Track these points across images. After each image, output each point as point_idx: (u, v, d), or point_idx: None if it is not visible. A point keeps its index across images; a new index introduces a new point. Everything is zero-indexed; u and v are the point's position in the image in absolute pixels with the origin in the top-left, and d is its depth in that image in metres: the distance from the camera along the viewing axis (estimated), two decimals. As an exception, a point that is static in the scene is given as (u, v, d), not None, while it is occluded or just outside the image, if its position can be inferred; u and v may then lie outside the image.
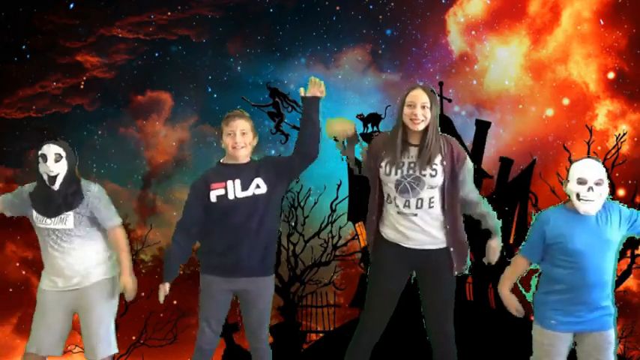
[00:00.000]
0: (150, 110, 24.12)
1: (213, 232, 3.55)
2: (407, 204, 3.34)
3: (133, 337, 14.14)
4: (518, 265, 3.51)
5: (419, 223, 3.35)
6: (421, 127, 3.33)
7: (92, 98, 23.17)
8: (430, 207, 3.35)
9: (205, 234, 3.60)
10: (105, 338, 3.67)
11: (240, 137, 3.53)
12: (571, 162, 3.42)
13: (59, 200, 3.61)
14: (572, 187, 3.31)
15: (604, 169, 3.35)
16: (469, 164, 3.44)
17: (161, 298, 3.56)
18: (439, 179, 3.34)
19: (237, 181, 3.51)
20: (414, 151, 3.37)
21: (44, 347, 3.64)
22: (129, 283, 3.66)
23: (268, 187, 3.53)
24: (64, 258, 3.65)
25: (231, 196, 3.48)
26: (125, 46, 23.03)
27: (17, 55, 22.08)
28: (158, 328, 14.21)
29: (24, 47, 22.18)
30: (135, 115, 24.37)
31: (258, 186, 3.52)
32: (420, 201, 3.34)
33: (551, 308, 3.37)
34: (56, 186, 3.59)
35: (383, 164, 3.38)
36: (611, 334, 3.36)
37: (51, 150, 3.60)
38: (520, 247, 3.54)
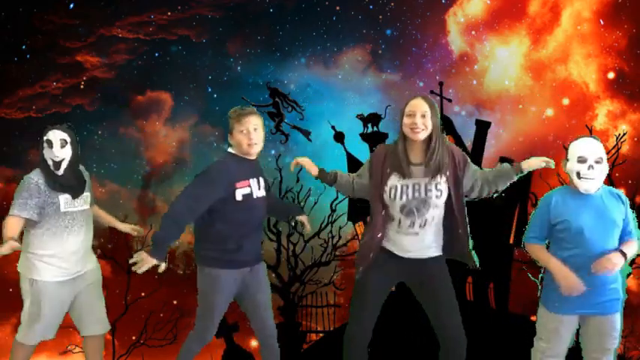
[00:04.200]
0: (150, 110, 24.13)
1: (226, 227, 3.47)
2: (412, 224, 3.33)
3: (133, 337, 14.15)
4: (538, 250, 3.41)
5: (419, 239, 3.35)
6: (422, 136, 3.27)
7: (92, 98, 23.19)
8: (430, 224, 3.35)
9: (214, 227, 3.49)
10: (105, 314, 3.99)
11: (254, 134, 3.51)
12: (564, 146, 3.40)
13: (75, 182, 3.73)
14: (572, 165, 3.29)
15: (603, 147, 3.32)
16: (470, 163, 3.42)
17: (143, 268, 3.26)
18: (444, 198, 3.32)
19: (259, 180, 3.58)
20: (417, 171, 3.30)
21: (50, 334, 3.82)
22: (128, 227, 4.06)
23: (266, 192, 3.66)
24: (81, 241, 3.77)
25: (255, 195, 3.53)
26: (125, 46, 23.03)
27: (17, 55, 22.06)
28: (158, 328, 14.21)
29: (24, 47, 22.17)
30: (135, 115, 24.36)
31: (265, 188, 3.65)
32: (424, 221, 3.32)
33: (556, 289, 3.32)
34: (60, 171, 3.66)
35: (387, 188, 3.32)
36: (617, 318, 3.31)
37: (56, 136, 3.66)
38: (524, 237, 3.47)
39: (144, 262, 3.26)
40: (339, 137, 12.69)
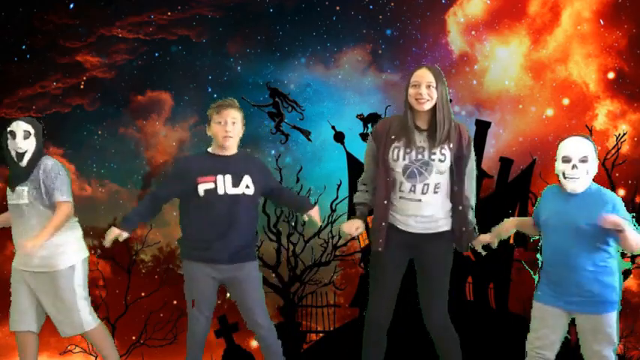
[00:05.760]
0: (150, 110, 24.10)
1: (197, 222, 3.55)
2: (412, 189, 3.30)
3: (133, 337, 14.15)
4: (526, 219, 3.62)
5: (422, 208, 3.32)
6: (427, 106, 3.28)
7: (92, 98, 23.15)
8: (435, 192, 3.31)
9: (189, 222, 3.61)
10: (77, 317, 3.78)
11: (231, 127, 3.54)
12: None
13: (21, 175, 3.70)
14: (558, 165, 3.32)
15: (591, 145, 3.29)
16: (473, 153, 3.42)
17: (108, 241, 3.52)
18: (447, 164, 3.30)
19: (228, 177, 3.51)
20: (422, 136, 3.32)
21: (20, 324, 3.83)
22: (27, 246, 3.60)
23: (255, 190, 3.57)
24: (18, 235, 3.72)
25: (221, 192, 3.49)
26: (125, 46, 23.01)
27: (17, 55, 22.05)
28: (158, 328, 14.20)
29: (24, 47, 22.14)
30: (135, 115, 24.34)
31: (247, 186, 3.54)
32: (426, 186, 3.29)
33: (542, 283, 3.43)
34: (24, 162, 3.69)
35: (390, 150, 3.33)
36: (604, 320, 3.27)
37: (20, 127, 3.69)
38: None
39: (110, 233, 3.49)
40: (339, 137, 12.69)
